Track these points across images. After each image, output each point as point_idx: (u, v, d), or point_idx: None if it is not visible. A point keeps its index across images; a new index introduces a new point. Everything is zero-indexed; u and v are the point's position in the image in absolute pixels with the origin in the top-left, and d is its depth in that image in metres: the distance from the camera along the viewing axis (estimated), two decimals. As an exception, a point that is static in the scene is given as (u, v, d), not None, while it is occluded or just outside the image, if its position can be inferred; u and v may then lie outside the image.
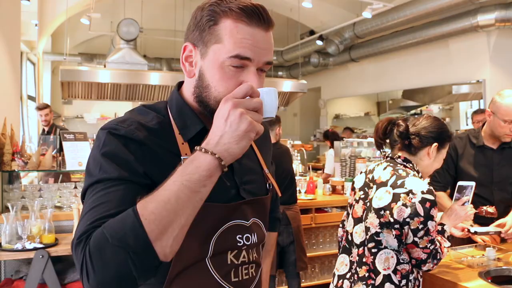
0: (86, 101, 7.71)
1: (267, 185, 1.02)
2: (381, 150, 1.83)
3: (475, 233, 2.03)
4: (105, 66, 4.51)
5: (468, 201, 1.80)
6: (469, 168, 2.28)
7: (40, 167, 2.89)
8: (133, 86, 4.20)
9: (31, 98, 6.64)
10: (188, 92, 0.92)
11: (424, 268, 1.59)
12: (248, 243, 0.91)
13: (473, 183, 1.84)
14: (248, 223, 0.93)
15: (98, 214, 0.74)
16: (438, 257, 1.58)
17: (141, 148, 0.83)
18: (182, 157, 0.84)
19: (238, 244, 0.90)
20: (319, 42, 7.23)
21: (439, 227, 1.70)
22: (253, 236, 0.93)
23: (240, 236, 0.90)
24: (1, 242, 2.36)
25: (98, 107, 8.60)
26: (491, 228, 2.09)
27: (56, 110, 8.29)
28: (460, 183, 1.86)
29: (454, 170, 2.33)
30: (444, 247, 1.63)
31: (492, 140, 2.27)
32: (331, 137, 5.50)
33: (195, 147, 0.75)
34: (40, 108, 4.77)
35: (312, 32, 7.69)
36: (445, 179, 2.33)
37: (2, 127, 2.90)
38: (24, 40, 5.90)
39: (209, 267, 0.86)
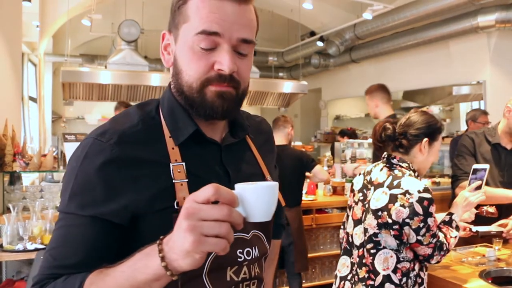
0: (87, 102, 7.72)
1: None
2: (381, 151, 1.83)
3: (477, 232, 2.04)
4: (106, 67, 4.51)
5: (481, 185, 1.79)
6: (484, 163, 2.29)
7: (41, 168, 2.89)
8: (134, 87, 4.21)
9: (32, 99, 6.65)
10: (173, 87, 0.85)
11: (433, 262, 1.60)
12: (249, 258, 0.84)
13: (487, 166, 1.83)
14: (248, 236, 0.85)
15: (57, 260, 0.74)
16: (445, 248, 1.59)
17: (119, 170, 0.75)
18: (171, 164, 0.78)
19: (239, 259, 0.82)
20: (320, 43, 7.23)
21: (447, 217, 1.70)
22: (254, 250, 0.85)
23: (241, 250, 0.83)
24: (2, 243, 2.36)
25: (99, 108, 8.61)
26: (494, 227, 2.10)
27: (57, 111, 8.31)
28: (475, 166, 1.86)
29: (475, 161, 2.32)
30: (451, 237, 1.63)
31: (508, 139, 2.29)
32: (352, 136, 5.54)
33: (160, 238, 0.64)
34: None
35: (312, 33, 7.70)
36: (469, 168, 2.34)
37: (3, 128, 2.90)
38: (25, 41, 5.91)
39: (206, 284, 0.79)
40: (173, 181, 0.77)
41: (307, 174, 3.59)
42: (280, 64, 9.12)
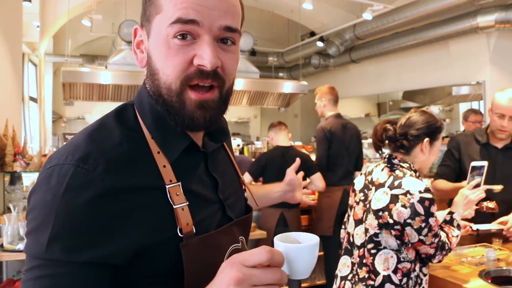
0: (88, 102, 7.71)
1: (244, 193, 0.88)
2: (380, 152, 1.84)
3: (477, 230, 2.04)
4: (106, 67, 4.51)
5: (480, 183, 1.79)
6: None
7: (41, 168, 2.90)
8: (135, 87, 4.21)
9: (32, 99, 6.65)
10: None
11: (435, 261, 1.61)
12: None
13: (485, 163, 1.84)
14: (239, 245, 0.78)
15: None
16: (447, 248, 1.60)
17: (114, 204, 0.62)
18: (166, 186, 0.67)
19: None
20: (320, 44, 7.23)
21: (448, 216, 1.70)
22: None
23: None
24: (3, 243, 2.37)
25: (100, 108, 8.61)
26: (494, 225, 2.10)
27: (58, 112, 8.32)
28: (473, 163, 1.87)
29: (457, 164, 2.34)
30: (453, 236, 1.63)
31: (497, 139, 2.29)
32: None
33: None
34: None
35: (312, 34, 7.70)
36: (445, 172, 2.35)
37: (4, 128, 2.91)
38: (26, 42, 5.92)
39: None
40: (174, 206, 0.67)
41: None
42: (280, 64, 9.12)
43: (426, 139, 1.69)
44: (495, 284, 1.69)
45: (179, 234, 0.66)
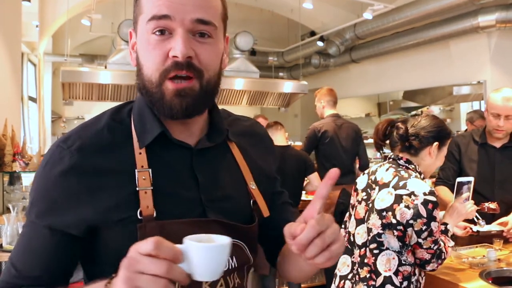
0: (87, 102, 7.70)
1: (251, 203, 0.84)
2: (381, 152, 1.83)
3: (478, 232, 2.03)
4: (106, 67, 4.50)
5: (468, 197, 1.80)
6: (471, 165, 2.30)
7: (41, 168, 2.89)
8: (134, 87, 4.19)
9: (32, 99, 6.64)
10: None
11: (428, 268, 1.60)
12: (225, 269, 0.76)
13: (471, 179, 1.84)
14: None
15: (18, 271, 0.73)
16: (443, 257, 1.59)
17: (78, 179, 0.71)
18: (136, 170, 0.73)
19: None
20: (320, 43, 7.23)
21: (442, 227, 1.70)
22: (231, 260, 0.78)
23: None
24: (2, 243, 2.36)
25: (99, 108, 8.47)
26: (494, 226, 2.10)
27: (57, 111, 8.31)
28: (458, 179, 1.86)
29: (458, 166, 2.34)
30: (448, 246, 1.63)
31: (494, 138, 2.28)
32: None
33: (111, 276, 0.61)
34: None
35: (312, 33, 7.70)
36: (447, 174, 2.34)
37: (3, 128, 2.90)
38: (25, 41, 5.91)
39: None
40: (137, 188, 0.73)
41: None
42: (280, 64, 9.12)
43: (436, 143, 1.69)
44: (496, 285, 1.68)
45: (139, 216, 0.71)
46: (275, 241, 0.88)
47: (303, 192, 3.99)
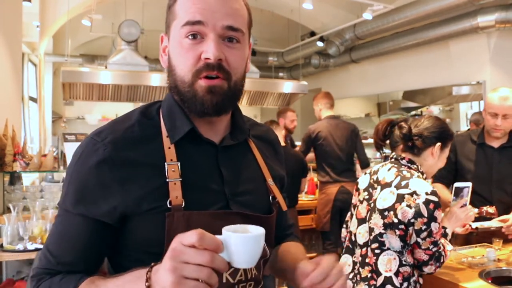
0: (88, 102, 7.73)
1: (270, 198, 0.91)
2: (381, 152, 1.84)
3: (477, 228, 2.04)
4: (106, 67, 4.51)
5: (466, 202, 1.81)
6: (469, 164, 2.30)
7: (41, 168, 2.90)
8: (134, 87, 4.21)
9: (32, 99, 6.65)
10: None
11: (426, 270, 1.59)
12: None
13: (469, 184, 1.84)
14: None
15: (54, 257, 0.78)
16: (442, 260, 1.58)
17: (111, 170, 0.76)
18: (166, 163, 0.79)
19: None
20: (320, 43, 7.23)
21: (442, 230, 1.70)
22: None
23: None
24: (3, 243, 2.36)
25: (100, 108, 8.61)
26: (493, 222, 2.10)
27: (57, 111, 8.31)
28: (456, 184, 1.86)
29: (452, 166, 2.34)
30: (448, 250, 1.63)
31: (492, 138, 2.28)
32: None
33: (151, 265, 0.65)
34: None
35: (312, 33, 7.70)
36: (441, 173, 2.35)
37: (4, 128, 2.91)
38: (26, 42, 5.91)
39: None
40: (167, 180, 0.78)
41: None
42: (280, 64, 9.12)
43: (438, 144, 1.69)
44: (496, 284, 1.68)
45: (168, 206, 0.76)
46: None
47: (304, 192, 4.01)
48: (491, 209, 2.08)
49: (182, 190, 0.77)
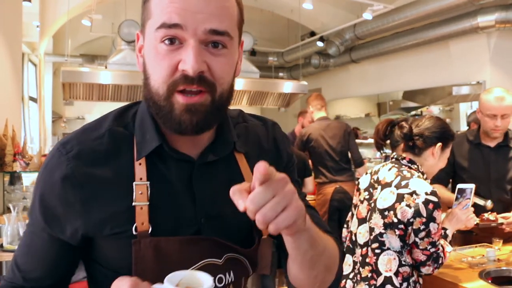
0: (88, 102, 7.71)
1: (252, 222, 0.73)
2: (381, 151, 1.84)
3: (477, 224, 2.04)
4: (106, 67, 4.51)
5: (468, 204, 1.80)
6: (466, 164, 2.30)
7: (41, 168, 2.89)
8: (134, 87, 4.21)
9: (32, 99, 6.65)
10: None
11: (423, 270, 1.59)
12: (221, 285, 0.73)
13: (472, 185, 1.84)
14: (220, 261, 0.73)
15: (21, 271, 0.76)
16: (440, 262, 1.58)
17: (73, 188, 0.69)
18: (134, 183, 0.70)
19: None
20: (320, 43, 7.23)
21: (442, 232, 1.70)
22: (227, 275, 0.74)
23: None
24: (3, 243, 2.37)
25: (100, 108, 8.60)
26: (493, 217, 2.11)
27: (57, 111, 8.32)
28: (459, 185, 1.86)
29: (450, 168, 2.34)
30: (447, 251, 1.63)
31: (489, 138, 2.28)
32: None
33: None
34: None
35: (312, 34, 7.70)
36: (439, 176, 2.35)
37: (4, 128, 2.91)
38: (26, 42, 5.92)
39: None
40: (133, 204, 0.69)
41: None
42: (280, 64, 9.12)
43: (439, 144, 1.69)
44: (495, 284, 1.69)
45: (134, 232, 0.69)
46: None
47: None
48: (492, 216, 2.08)
49: (150, 214, 0.69)
